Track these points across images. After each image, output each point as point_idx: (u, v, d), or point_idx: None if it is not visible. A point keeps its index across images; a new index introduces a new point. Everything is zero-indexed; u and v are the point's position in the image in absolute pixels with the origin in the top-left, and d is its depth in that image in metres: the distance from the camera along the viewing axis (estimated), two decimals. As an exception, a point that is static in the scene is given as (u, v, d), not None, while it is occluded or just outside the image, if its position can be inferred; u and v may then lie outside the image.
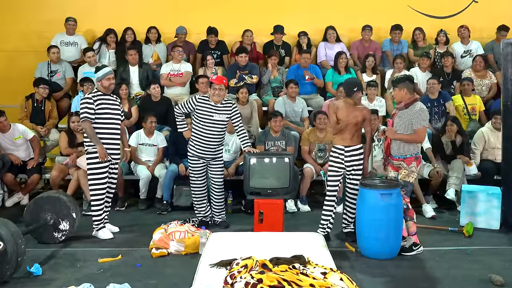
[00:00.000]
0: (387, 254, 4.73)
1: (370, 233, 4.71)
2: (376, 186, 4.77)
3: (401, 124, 4.92)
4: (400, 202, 4.76)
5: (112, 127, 5.30)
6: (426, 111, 4.90)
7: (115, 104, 5.36)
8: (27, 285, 4.11)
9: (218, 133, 5.51)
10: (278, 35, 8.17)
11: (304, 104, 7.45)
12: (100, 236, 5.31)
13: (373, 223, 4.68)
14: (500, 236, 5.49)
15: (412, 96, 4.96)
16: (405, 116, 4.90)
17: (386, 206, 4.65)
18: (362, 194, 4.81)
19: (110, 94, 5.37)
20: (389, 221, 4.68)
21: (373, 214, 4.69)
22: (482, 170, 6.66)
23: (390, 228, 4.68)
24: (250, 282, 3.24)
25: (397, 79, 5.07)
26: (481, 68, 7.82)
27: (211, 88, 5.47)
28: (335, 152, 5.17)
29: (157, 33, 8.12)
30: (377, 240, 4.68)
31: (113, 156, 5.34)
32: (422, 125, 4.82)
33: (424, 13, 8.77)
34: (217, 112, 5.48)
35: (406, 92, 4.92)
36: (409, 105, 4.90)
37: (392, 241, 4.73)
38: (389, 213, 4.67)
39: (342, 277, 3.44)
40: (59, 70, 7.65)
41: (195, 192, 5.69)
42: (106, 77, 5.25)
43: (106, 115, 5.24)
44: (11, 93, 7.73)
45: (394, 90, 5.05)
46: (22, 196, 6.75)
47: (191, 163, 5.59)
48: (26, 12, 8.31)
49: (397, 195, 4.72)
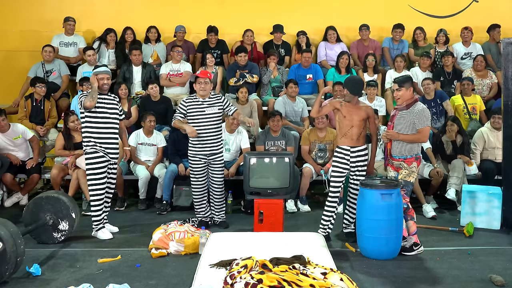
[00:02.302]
0: (388, 254, 4.72)
1: (371, 233, 4.69)
2: (376, 186, 4.75)
3: (403, 124, 4.90)
4: (401, 202, 4.75)
5: (109, 126, 5.27)
6: (428, 111, 4.90)
7: (111, 103, 5.32)
8: (27, 285, 4.09)
9: (214, 127, 5.50)
10: (277, 35, 8.17)
11: (304, 103, 7.44)
12: (100, 236, 5.30)
13: (374, 223, 4.67)
14: (500, 236, 5.48)
15: (414, 96, 4.95)
16: (407, 116, 4.88)
17: (387, 206, 4.64)
18: (363, 194, 4.79)
19: (107, 93, 5.34)
20: (390, 221, 4.66)
21: (374, 214, 4.67)
22: (483, 170, 6.65)
23: (391, 228, 4.67)
24: (250, 282, 3.23)
25: (403, 79, 4.96)
26: (482, 68, 7.82)
27: (197, 83, 5.49)
28: (340, 153, 5.12)
29: (156, 33, 8.12)
30: (378, 240, 4.67)
31: (111, 156, 5.32)
32: (425, 125, 4.81)
33: (425, 13, 8.77)
34: (208, 106, 5.49)
35: (411, 92, 4.92)
36: (411, 105, 4.88)
37: (392, 241, 4.72)
38: (390, 213, 4.66)
39: (342, 277, 3.44)
40: (54, 69, 7.64)
41: (195, 192, 5.68)
42: (99, 76, 5.21)
43: (102, 114, 5.21)
44: (10, 93, 7.72)
45: (401, 90, 4.92)
46: (21, 196, 6.73)
47: (192, 163, 5.58)
48: (25, 12, 8.30)
49: (397, 195, 4.71)
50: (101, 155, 5.22)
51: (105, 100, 5.27)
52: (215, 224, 5.79)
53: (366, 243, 4.78)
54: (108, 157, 5.27)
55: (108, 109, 5.27)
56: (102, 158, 5.22)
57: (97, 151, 5.20)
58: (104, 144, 5.22)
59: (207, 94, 5.50)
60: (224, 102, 5.59)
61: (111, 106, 5.31)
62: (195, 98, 5.53)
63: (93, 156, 5.19)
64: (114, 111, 5.33)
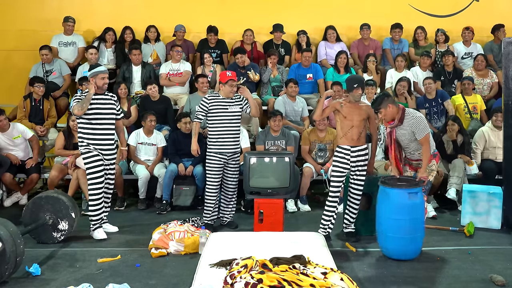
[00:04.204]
0: (411, 254, 4.66)
1: (396, 233, 4.59)
2: (402, 185, 4.68)
3: (406, 137, 4.96)
4: (423, 200, 4.73)
5: (104, 127, 5.20)
6: (421, 117, 4.92)
7: (108, 103, 5.25)
8: (26, 285, 4.09)
9: (235, 125, 5.53)
10: (277, 34, 8.16)
11: (304, 103, 7.42)
12: (95, 236, 5.27)
13: (400, 223, 4.57)
14: (501, 236, 5.46)
15: (398, 108, 4.92)
16: (405, 129, 4.92)
17: (413, 205, 4.59)
18: (388, 194, 4.67)
19: (104, 93, 5.27)
20: (415, 221, 4.61)
21: (400, 214, 4.57)
22: (483, 169, 6.64)
23: (416, 228, 4.62)
24: (250, 282, 3.22)
25: (376, 102, 4.95)
26: (482, 67, 7.81)
27: (227, 85, 5.46)
28: (340, 153, 5.11)
29: (156, 32, 8.10)
30: (403, 240, 4.59)
31: (107, 157, 5.27)
32: (424, 133, 4.84)
33: (425, 12, 8.76)
34: (230, 104, 5.51)
35: (392, 106, 4.88)
36: (403, 118, 4.90)
37: (417, 241, 4.67)
38: (416, 212, 4.61)
39: (343, 277, 3.42)
40: (54, 69, 7.62)
41: (209, 192, 5.55)
42: (100, 76, 5.15)
43: (97, 115, 5.14)
44: (9, 93, 7.71)
45: (381, 113, 4.92)
46: (20, 196, 6.72)
47: (210, 162, 5.51)
48: (24, 11, 8.28)
49: (421, 194, 4.69)
50: (95, 154, 5.16)
51: (101, 100, 5.20)
52: (223, 224, 5.75)
53: (390, 244, 4.69)
54: (102, 156, 5.20)
55: (103, 109, 5.20)
56: (96, 157, 5.16)
57: (91, 150, 5.15)
58: (98, 144, 5.17)
59: (233, 95, 5.55)
60: (242, 99, 5.62)
61: (107, 106, 5.24)
62: (218, 96, 5.53)
63: (88, 155, 5.16)
64: (110, 111, 5.26)
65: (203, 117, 5.54)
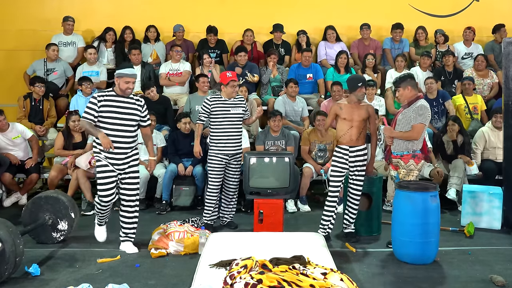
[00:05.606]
0: (427, 259, 4.59)
1: (415, 238, 4.49)
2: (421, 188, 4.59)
3: (403, 121, 4.91)
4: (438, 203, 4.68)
5: (118, 133, 4.64)
6: (426, 108, 4.83)
7: (129, 107, 4.70)
8: (26, 285, 4.08)
9: (236, 127, 5.51)
10: (277, 34, 8.16)
11: (304, 103, 7.42)
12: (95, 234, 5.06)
13: (421, 227, 4.48)
14: (501, 236, 5.46)
15: (416, 93, 4.93)
16: (408, 113, 4.88)
17: (433, 208, 4.53)
18: (407, 197, 4.56)
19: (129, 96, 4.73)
20: (435, 224, 4.56)
21: (421, 218, 4.48)
22: (483, 170, 6.64)
23: (435, 231, 4.57)
24: (249, 282, 3.22)
25: (399, 79, 5.01)
26: (482, 68, 7.81)
27: (229, 86, 5.45)
28: (339, 152, 5.11)
29: (156, 32, 8.10)
30: (423, 245, 4.51)
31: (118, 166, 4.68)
32: (419, 121, 4.78)
33: (425, 12, 8.76)
34: (233, 106, 5.50)
35: (411, 89, 4.89)
36: (412, 102, 4.88)
37: (434, 245, 4.60)
38: (435, 216, 4.56)
39: (343, 278, 3.42)
40: (56, 69, 7.60)
41: (211, 192, 5.53)
42: (125, 79, 4.63)
43: (112, 119, 4.62)
44: (9, 93, 7.70)
45: (398, 91, 4.95)
46: (20, 196, 6.71)
47: (212, 163, 5.49)
48: (24, 11, 8.28)
49: (437, 196, 4.62)
50: (104, 164, 4.67)
51: (121, 103, 4.67)
52: (223, 224, 5.75)
53: (408, 248, 4.58)
54: (111, 167, 4.68)
55: (122, 113, 4.66)
56: (105, 167, 4.68)
57: (100, 159, 4.68)
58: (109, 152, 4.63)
59: (235, 95, 5.54)
60: (245, 103, 5.62)
61: (127, 110, 4.69)
62: (220, 97, 5.51)
63: (98, 164, 4.72)
64: (129, 116, 4.69)
65: (205, 118, 5.53)
